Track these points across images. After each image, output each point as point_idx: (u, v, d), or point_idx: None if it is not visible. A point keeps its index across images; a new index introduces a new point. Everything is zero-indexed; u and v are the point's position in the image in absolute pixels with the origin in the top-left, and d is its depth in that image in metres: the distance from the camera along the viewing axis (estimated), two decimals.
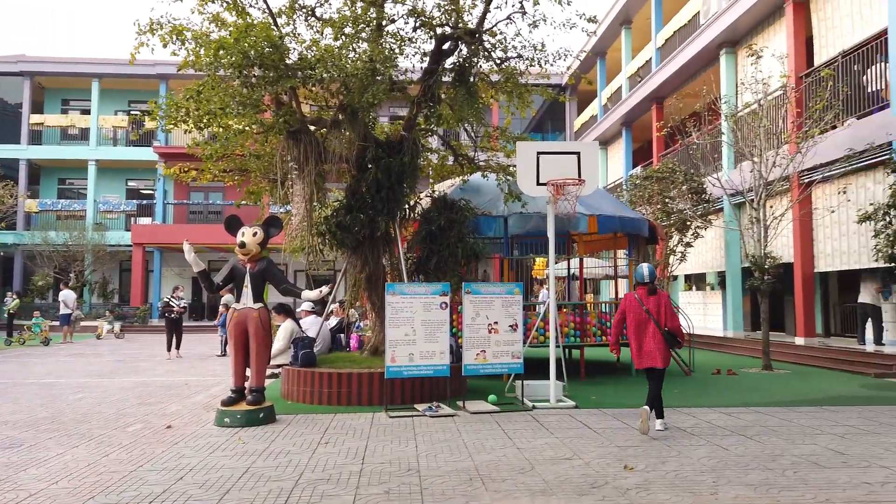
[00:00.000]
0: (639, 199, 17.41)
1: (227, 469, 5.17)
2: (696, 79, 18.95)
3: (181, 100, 8.17)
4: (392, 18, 9.25)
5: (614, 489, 4.60)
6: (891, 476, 4.84)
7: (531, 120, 30.61)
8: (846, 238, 12.77)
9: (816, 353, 12.67)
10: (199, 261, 7.27)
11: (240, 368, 7.22)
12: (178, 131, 22.61)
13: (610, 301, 12.52)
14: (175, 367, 12.88)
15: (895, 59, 11.33)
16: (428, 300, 7.77)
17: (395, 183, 8.98)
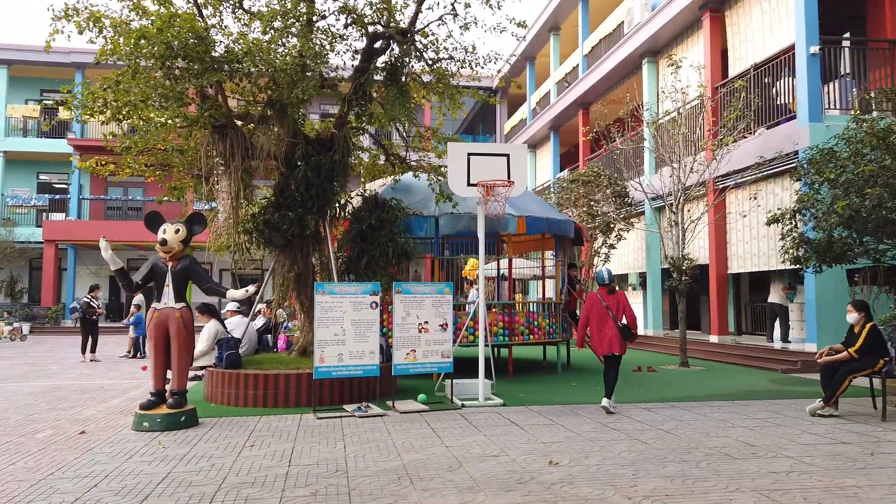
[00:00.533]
0: (566, 202, 17.84)
1: (146, 475, 4.98)
2: (621, 86, 19.60)
3: (98, 89, 7.81)
4: (323, 14, 9.13)
5: (539, 484, 4.70)
6: (795, 466, 5.16)
7: (462, 121, 30.87)
8: (756, 241, 13.50)
9: (729, 351, 13.34)
10: (116, 259, 6.97)
11: (160, 371, 6.96)
12: (95, 123, 21.59)
13: (538, 301, 12.76)
14: (89, 370, 12.28)
15: (801, 74, 12.05)
16: (358, 300, 7.71)
17: (325, 181, 8.87)
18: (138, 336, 14.82)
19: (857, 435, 6.28)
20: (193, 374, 9.17)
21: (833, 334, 10.42)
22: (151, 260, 7.15)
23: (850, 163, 8.24)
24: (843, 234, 8.38)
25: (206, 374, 8.62)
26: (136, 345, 14.93)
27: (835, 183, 8.30)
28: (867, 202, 7.76)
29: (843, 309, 8.37)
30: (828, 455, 5.49)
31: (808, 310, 11.83)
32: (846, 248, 8.35)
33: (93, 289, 15.19)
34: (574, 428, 6.68)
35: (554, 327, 11.36)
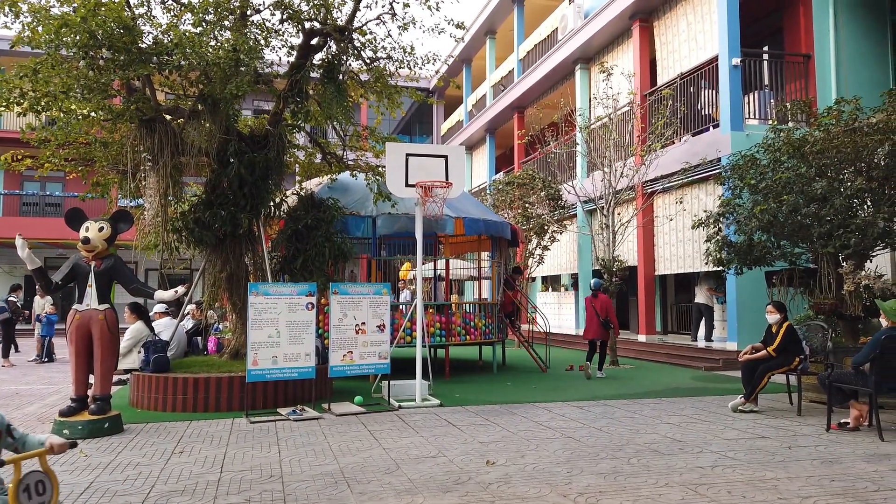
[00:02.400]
0: (501, 204, 18.07)
1: (67, 486, 4.72)
2: (555, 91, 20.00)
3: (13, 77, 7.36)
4: (257, 8, 8.92)
5: (477, 484, 4.74)
6: (719, 460, 5.39)
7: (399, 121, 30.82)
8: (682, 244, 14.04)
9: (656, 349, 13.82)
10: (34, 257, 6.59)
11: (81, 375, 6.63)
12: (10, 115, 20.39)
13: (474, 301, 12.86)
14: (3, 375, 11.58)
15: (724, 84, 12.62)
16: (293, 301, 7.57)
17: (259, 179, 8.66)
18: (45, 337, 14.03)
19: (775, 429, 6.61)
20: (118, 378, 8.78)
21: (752, 333, 10.94)
22: (73, 259, 6.80)
23: (769, 170, 8.67)
24: (762, 237, 8.81)
25: (131, 378, 8.27)
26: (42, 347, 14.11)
27: (755, 189, 8.71)
28: (784, 208, 8.18)
29: (761, 309, 8.80)
30: (749, 449, 5.76)
31: (729, 310, 12.39)
32: (765, 251, 8.77)
33: (15, 289, 14.27)
34: (510, 427, 6.76)
35: (490, 328, 11.48)
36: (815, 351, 7.95)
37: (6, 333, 13.31)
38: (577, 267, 18.15)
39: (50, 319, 13.96)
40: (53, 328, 14.07)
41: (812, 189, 8.06)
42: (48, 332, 14.04)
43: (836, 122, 8.46)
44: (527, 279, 18.53)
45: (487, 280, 14.62)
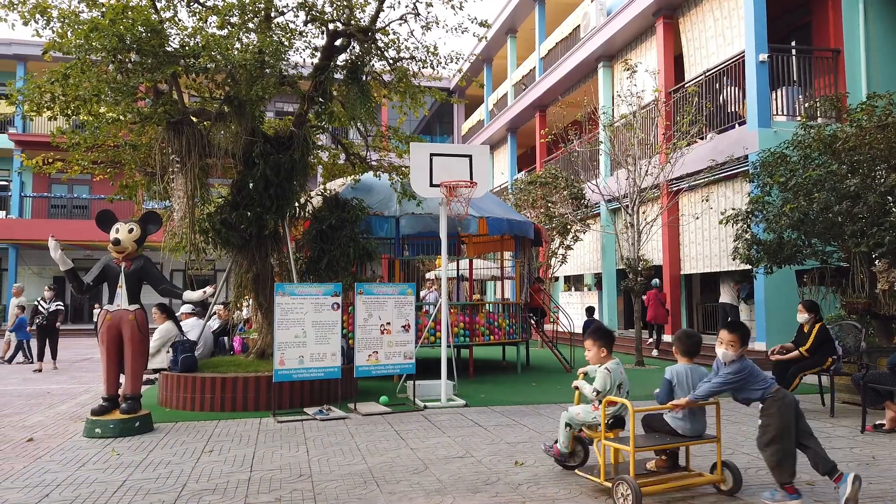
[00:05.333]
0: (523, 203, 17.99)
1: (100, 483, 4.79)
2: (577, 89, 19.88)
3: (45, 83, 7.48)
4: (281, 10, 8.98)
5: (506, 485, 4.71)
6: (752, 462, 5.31)
7: (420, 122, 30.85)
8: (708, 243, 13.86)
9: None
10: (66, 259, 6.68)
11: (112, 375, 6.72)
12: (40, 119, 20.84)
13: (499, 301, 12.82)
14: (34, 375, 11.79)
15: (751, 80, 12.43)
16: (319, 301, 7.60)
17: (284, 180, 8.70)
18: (21, 340, 13.95)
19: None
20: (146, 378, 8.89)
21: (782, 333, 10.76)
22: (103, 260, 6.90)
23: (800, 167, 8.52)
24: (792, 236, 8.66)
25: (160, 377, 8.36)
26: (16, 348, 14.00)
27: (785, 186, 8.57)
28: (815, 205, 8.04)
29: (791, 309, 8.65)
30: None
31: (757, 309, 12.20)
32: (796, 250, 8.63)
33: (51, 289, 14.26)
34: (537, 428, 6.72)
35: (514, 328, 11.43)
36: (848, 351, 7.80)
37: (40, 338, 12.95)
38: (601, 266, 18.01)
39: (21, 322, 13.67)
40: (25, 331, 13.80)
41: (844, 186, 7.90)
42: (25, 336, 13.84)
43: (868, 118, 8.29)
44: (549, 279, 18.43)
45: (510, 280, 14.57)
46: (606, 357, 4.84)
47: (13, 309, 13.95)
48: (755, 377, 4.47)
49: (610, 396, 4.61)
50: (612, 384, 4.67)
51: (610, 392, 4.65)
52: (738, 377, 4.43)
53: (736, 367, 4.45)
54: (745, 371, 4.45)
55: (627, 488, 4.11)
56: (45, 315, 12.91)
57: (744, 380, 4.44)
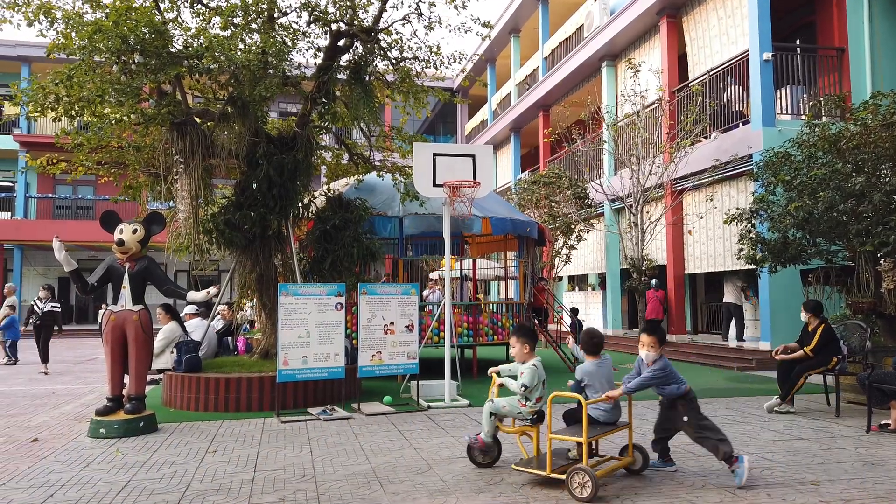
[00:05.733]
0: (527, 203, 17.98)
1: (104, 483, 4.80)
2: (581, 89, 19.85)
3: (49, 84, 7.49)
4: (285, 11, 8.99)
5: (510, 485, 4.70)
6: (756, 462, 5.28)
7: (423, 122, 30.85)
8: (712, 242, 13.83)
9: (686, 349, 13.62)
10: (70, 259, 6.70)
11: (116, 375, 6.73)
12: (44, 119, 20.86)
13: (502, 301, 12.81)
14: (40, 375, 11.82)
15: (755, 78, 12.39)
16: (323, 301, 7.60)
17: (287, 180, 8.71)
18: (9, 340, 13.72)
19: (813, 431, 6.47)
20: (151, 378, 8.91)
21: (786, 333, 10.74)
22: (108, 261, 6.91)
23: (804, 166, 8.48)
24: (797, 235, 8.62)
25: (164, 377, 8.38)
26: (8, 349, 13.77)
27: (789, 185, 8.54)
28: (820, 204, 8.00)
29: (795, 308, 8.61)
30: (787, 451, 5.64)
31: (762, 309, 12.17)
32: (800, 249, 8.59)
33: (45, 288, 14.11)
34: (541, 428, 6.69)
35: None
36: (853, 351, 7.77)
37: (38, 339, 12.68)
38: (605, 266, 17.98)
39: (11, 321, 13.50)
40: (14, 331, 13.65)
41: (849, 185, 7.86)
42: (14, 336, 13.67)
43: (873, 117, 8.25)
44: (553, 279, 18.41)
45: (513, 280, 14.56)
46: (529, 355, 5.04)
47: (4, 309, 13.62)
48: (674, 375, 4.92)
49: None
50: (538, 380, 4.90)
51: (536, 387, 4.89)
52: (663, 373, 4.88)
53: (661, 365, 4.90)
54: (667, 369, 4.91)
55: (585, 476, 4.32)
56: (39, 315, 12.71)
57: (666, 376, 4.89)
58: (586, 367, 5.01)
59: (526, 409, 4.88)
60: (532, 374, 4.88)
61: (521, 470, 4.76)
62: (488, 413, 4.99)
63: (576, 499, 4.32)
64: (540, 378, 4.93)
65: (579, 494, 4.31)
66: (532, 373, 4.89)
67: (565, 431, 4.84)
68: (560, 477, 4.48)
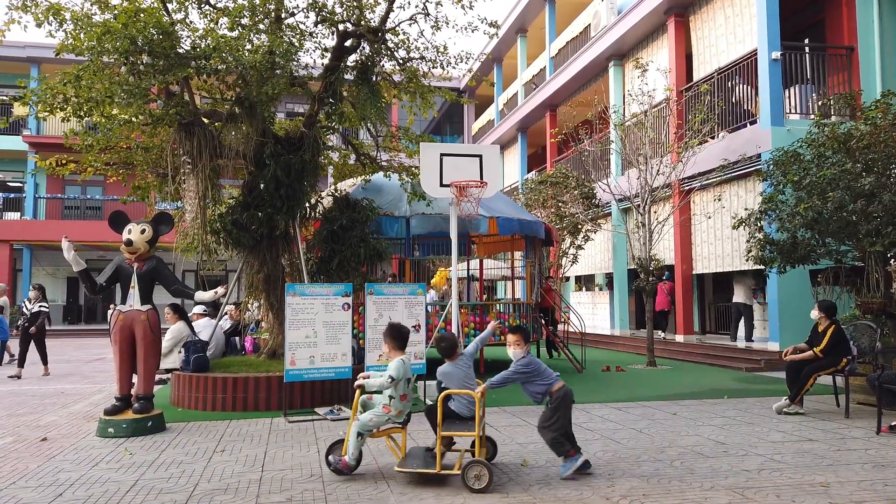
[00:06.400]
0: (534, 203, 17.94)
1: (113, 483, 4.82)
2: (588, 88, 19.80)
3: (58, 84, 7.53)
4: (292, 11, 9.00)
5: (517, 486, 4.69)
6: (765, 463, 5.25)
7: (430, 122, 30.84)
8: (721, 242, 13.77)
9: (694, 350, 13.57)
10: (79, 259, 6.73)
11: (125, 375, 6.76)
12: (53, 120, 21.05)
13: (509, 301, 12.79)
14: (49, 374, 11.88)
15: (764, 78, 12.33)
16: (330, 301, 7.61)
17: (294, 180, 8.73)
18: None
19: (822, 432, 6.43)
20: (159, 377, 8.94)
21: (795, 334, 10.67)
22: (116, 261, 6.94)
23: (814, 166, 8.44)
24: (806, 235, 8.58)
25: (172, 377, 8.41)
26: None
27: (798, 185, 8.49)
28: (829, 204, 7.96)
29: (804, 309, 8.57)
30: (796, 452, 5.60)
31: (770, 310, 12.10)
32: (809, 250, 8.55)
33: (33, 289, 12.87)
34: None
35: (525, 327, 11.38)
36: (863, 351, 7.71)
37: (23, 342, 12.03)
38: (612, 266, 17.93)
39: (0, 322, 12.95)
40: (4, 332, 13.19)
41: (859, 185, 7.82)
42: (2, 336, 13.18)
43: (882, 116, 8.20)
44: (560, 279, 18.38)
45: (520, 280, 14.54)
46: (395, 353, 5.14)
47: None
48: (541, 373, 4.99)
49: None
50: (404, 374, 4.97)
51: (401, 380, 4.94)
52: (526, 370, 4.97)
53: (524, 362, 4.99)
54: (531, 366, 4.99)
55: (482, 468, 4.54)
56: (28, 317, 12.08)
57: (531, 373, 4.97)
58: (444, 368, 5.15)
59: (393, 412, 4.91)
60: (399, 366, 4.95)
61: (405, 471, 4.80)
62: (356, 433, 4.88)
63: (471, 490, 4.50)
64: (405, 375, 4.98)
65: (475, 486, 4.50)
66: (399, 366, 4.96)
67: (449, 429, 4.90)
68: (452, 473, 4.65)
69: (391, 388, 4.92)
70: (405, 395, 4.98)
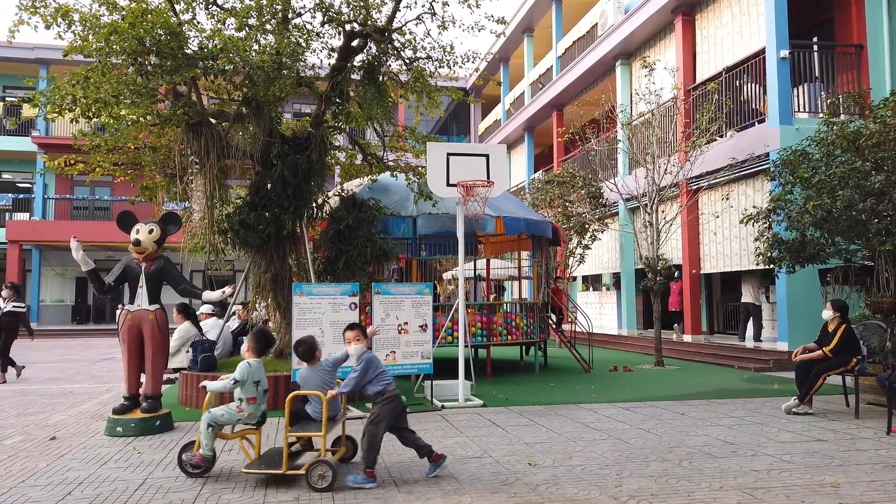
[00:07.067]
0: (541, 203, 17.91)
1: (122, 482, 4.83)
2: (595, 87, 19.75)
3: (66, 85, 7.57)
4: (299, 12, 9.01)
5: (525, 485, 4.68)
6: (775, 464, 5.22)
7: (437, 121, 30.84)
8: (729, 241, 13.71)
9: (702, 350, 13.51)
10: (88, 259, 6.76)
11: (133, 374, 6.78)
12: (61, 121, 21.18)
13: (516, 301, 12.77)
14: (57, 374, 11.95)
15: (772, 76, 12.26)
16: (337, 301, 7.62)
17: (301, 180, 8.74)
18: None
19: (832, 432, 6.39)
20: (167, 377, 8.97)
21: (804, 333, 10.61)
22: (124, 261, 6.97)
23: (823, 164, 8.39)
24: (815, 234, 8.52)
25: (180, 377, 8.44)
26: None
27: (808, 184, 8.44)
28: (839, 203, 7.90)
29: (814, 309, 8.52)
30: (806, 452, 5.57)
31: (779, 309, 12.03)
32: (819, 249, 8.49)
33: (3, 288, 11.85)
34: (555, 428, 6.68)
35: (532, 327, 11.38)
36: (873, 351, 7.66)
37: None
38: (620, 266, 17.87)
39: None
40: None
41: (868, 183, 7.77)
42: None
43: (892, 114, 8.14)
44: (567, 278, 18.34)
45: (527, 280, 14.51)
46: (251, 355, 5.18)
47: None
48: (377, 370, 5.03)
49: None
50: (249, 377, 4.99)
51: (245, 382, 4.98)
52: (369, 367, 4.99)
53: (363, 364, 5.00)
54: (373, 363, 5.04)
55: (326, 468, 4.62)
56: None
57: (370, 371, 4.99)
58: (301, 372, 5.20)
59: (244, 413, 4.96)
60: (244, 369, 4.99)
61: (253, 472, 4.81)
62: (206, 424, 4.90)
63: (314, 489, 4.56)
64: (252, 377, 5.01)
65: (319, 485, 4.58)
66: (244, 368, 5.00)
67: (297, 429, 4.97)
68: (298, 473, 4.69)
69: (240, 391, 4.98)
70: (254, 398, 5.02)
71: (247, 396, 4.99)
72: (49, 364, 13.71)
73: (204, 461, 4.91)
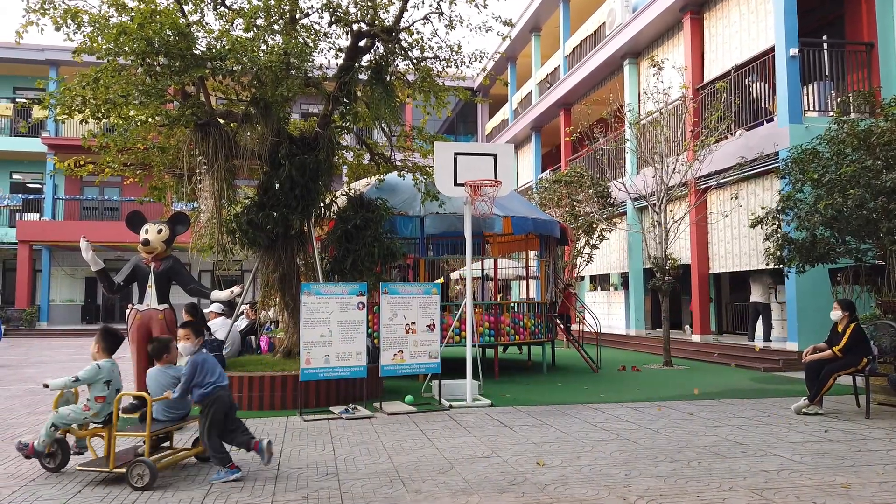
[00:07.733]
0: (548, 202, 17.87)
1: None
2: (603, 87, 19.69)
3: (76, 86, 7.61)
4: (306, 12, 9.03)
5: (533, 485, 4.67)
6: (785, 464, 5.18)
7: (444, 121, 30.85)
8: (738, 241, 13.64)
9: (711, 350, 13.45)
10: (97, 259, 6.81)
11: (142, 373, 6.79)
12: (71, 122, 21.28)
13: (524, 301, 12.76)
14: (65, 373, 11.99)
15: (782, 75, 12.19)
16: (344, 300, 7.63)
17: (309, 180, 8.75)
18: None
19: (843, 433, 6.34)
20: None
21: (814, 333, 10.54)
22: (133, 261, 7.01)
23: (833, 163, 8.33)
24: (825, 233, 8.47)
25: None
26: None
27: (818, 183, 8.39)
28: (849, 202, 7.85)
29: (823, 309, 8.45)
30: (816, 453, 5.53)
31: (789, 309, 11.96)
32: (829, 248, 8.43)
33: None
34: (563, 428, 6.66)
35: (539, 327, 11.36)
36: (883, 351, 7.59)
37: None
38: (628, 265, 17.82)
39: None
40: None
41: (880, 182, 7.71)
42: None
43: None
44: (575, 278, 18.30)
45: (535, 280, 14.49)
46: (101, 355, 5.23)
47: None
48: (209, 371, 5.00)
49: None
50: (95, 377, 5.04)
51: (90, 380, 5.03)
52: (194, 371, 4.96)
53: (190, 365, 4.98)
54: (198, 364, 4.99)
55: (144, 468, 4.64)
56: None
57: (199, 373, 4.95)
58: (150, 371, 5.26)
59: (90, 412, 4.98)
60: (92, 371, 5.05)
61: (87, 469, 4.85)
62: (50, 424, 4.94)
63: (134, 488, 4.59)
64: (102, 377, 5.05)
65: (138, 484, 4.60)
66: (92, 370, 5.05)
67: (131, 429, 5.05)
68: (121, 472, 4.70)
69: (88, 390, 5.02)
70: (103, 396, 5.04)
71: (95, 395, 5.03)
72: (59, 363, 13.78)
73: (33, 454, 4.97)
